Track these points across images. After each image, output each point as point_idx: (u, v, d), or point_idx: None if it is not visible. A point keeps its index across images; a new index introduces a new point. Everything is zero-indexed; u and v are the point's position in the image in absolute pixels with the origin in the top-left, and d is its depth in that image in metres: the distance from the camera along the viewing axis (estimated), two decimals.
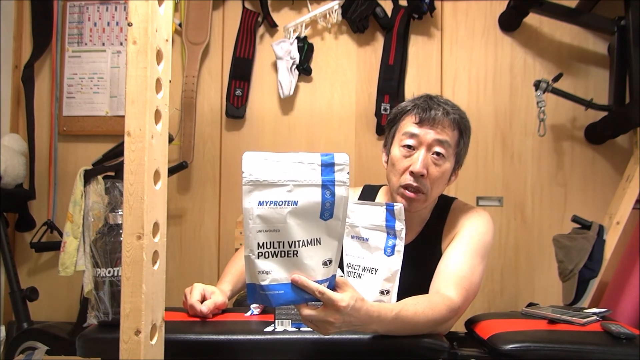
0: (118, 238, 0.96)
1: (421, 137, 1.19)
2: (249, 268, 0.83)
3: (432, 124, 1.19)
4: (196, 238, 2.23)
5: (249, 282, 0.84)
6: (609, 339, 1.03)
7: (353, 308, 0.87)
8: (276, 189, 0.82)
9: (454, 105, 1.24)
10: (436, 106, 1.20)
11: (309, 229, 0.85)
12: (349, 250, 1.13)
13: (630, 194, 1.84)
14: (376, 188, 1.40)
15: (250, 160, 0.81)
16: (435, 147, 1.19)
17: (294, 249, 0.84)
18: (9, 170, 2.05)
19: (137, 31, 0.78)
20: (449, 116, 1.20)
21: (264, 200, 0.81)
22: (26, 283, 2.08)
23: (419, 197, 1.20)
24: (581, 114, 2.06)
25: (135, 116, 0.78)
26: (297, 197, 0.84)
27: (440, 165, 1.20)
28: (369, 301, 0.92)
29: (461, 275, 1.12)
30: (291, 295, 0.85)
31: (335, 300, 0.85)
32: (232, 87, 2.20)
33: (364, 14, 2.11)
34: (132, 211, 0.77)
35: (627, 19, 1.87)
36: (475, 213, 1.26)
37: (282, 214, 0.82)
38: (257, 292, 0.84)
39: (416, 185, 1.19)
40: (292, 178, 0.83)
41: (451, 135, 1.20)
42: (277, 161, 0.83)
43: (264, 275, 0.83)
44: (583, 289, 1.75)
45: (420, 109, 1.21)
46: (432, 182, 1.20)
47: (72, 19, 2.29)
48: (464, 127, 1.23)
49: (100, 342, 0.96)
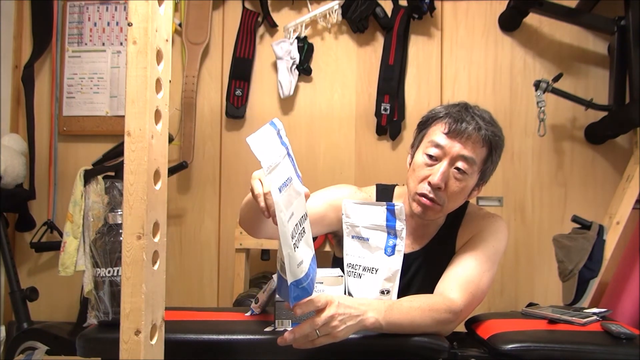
0: (118, 238, 0.96)
1: (446, 149, 1.14)
2: (290, 267, 0.76)
3: (460, 137, 1.13)
4: (196, 238, 2.23)
5: (291, 281, 0.77)
6: (609, 339, 1.03)
7: (340, 297, 0.93)
8: (278, 168, 0.75)
9: (490, 121, 1.16)
10: (469, 119, 1.13)
11: (301, 201, 0.81)
12: (349, 250, 1.13)
13: (630, 194, 1.84)
14: (390, 188, 1.34)
15: (259, 143, 0.72)
16: (459, 162, 1.13)
17: (302, 227, 0.79)
18: (9, 170, 2.05)
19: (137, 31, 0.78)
20: (480, 132, 1.13)
21: (279, 184, 0.74)
22: (26, 283, 2.08)
23: (433, 207, 1.16)
24: (581, 114, 2.06)
25: (135, 116, 0.78)
26: (287, 172, 0.78)
27: (461, 181, 1.14)
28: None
29: (469, 279, 1.11)
30: (313, 276, 0.81)
31: (322, 295, 0.91)
32: (232, 87, 2.20)
33: (364, 14, 2.11)
34: (132, 211, 0.77)
35: (627, 19, 1.87)
36: (490, 219, 1.24)
37: (290, 193, 0.76)
38: (298, 288, 0.78)
39: (432, 196, 1.14)
40: (277, 153, 0.77)
41: (478, 152, 1.14)
42: (265, 139, 0.75)
43: (301, 267, 0.76)
44: (583, 289, 1.75)
45: (452, 118, 1.14)
46: (449, 196, 1.15)
47: (72, 19, 2.29)
48: (495, 144, 1.16)
49: (100, 342, 0.96)
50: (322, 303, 0.90)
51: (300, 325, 0.90)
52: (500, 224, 1.23)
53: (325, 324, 0.89)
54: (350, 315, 0.92)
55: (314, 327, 0.89)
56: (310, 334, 0.89)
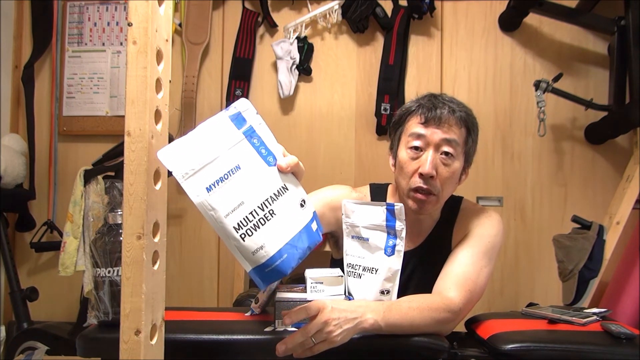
0: (118, 238, 0.96)
1: (428, 138, 1.16)
2: (243, 257, 0.79)
3: (438, 123, 1.15)
4: (196, 238, 2.23)
5: (252, 270, 0.80)
6: (609, 339, 1.03)
7: (334, 302, 0.93)
8: (211, 165, 0.77)
9: (459, 103, 1.21)
10: (441, 105, 1.17)
11: (267, 182, 0.82)
12: (349, 250, 1.13)
13: (630, 194, 1.84)
14: (383, 187, 1.36)
15: (169, 155, 0.75)
16: (444, 146, 1.16)
17: (268, 209, 0.81)
18: (9, 170, 2.05)
19: (137, 31, 0.78)
20: (455, 114, 1.16)
21: (210, 182, 0.76)
22: (26, 283, 2.08)
23: (430, 199, 1.17)
24: (581, 114, 2.06)
25: (135, 116, 0.78)
26: (235, 161, 0.79)
27: (450, 165, 1.16)
28: None
29: (466, 277, 1.11)
30: (297, 252, 0.83)
31: (314, 301, 0.92)
32: (232, 87, 2.20)
33: (364, 14, 2.11)
34: (132, 211, 0.77)
35: (627, 19, 1.87)
36: (485, 214, 1.24)
37: (235, 183, 0.78)
38: (264, 272, 0.80)
39: (426, 187, 1.15)
40: (217, 147, 0.78)
41: (459, 134, 1.17)
42: (191, 142, 0.77)
43: (261, 252, 0.79)
44: (583, 289, 1.75)
45: (425, 108, 1.17)
46: (442, 182, 1.16)
47: (72, 19, 2.30)
48: (471, 124, 1.20)
49: (100, 342, 0.96)
50: (314, 310, 0.91)
51: (292, 334, 0.90)
52: (495, 218, 1.23)
53: (319, 330, 0.89)
54: (346, 319, 0.91)
55: (306, 335, 0.88)
56: (305, 342, 0.89)
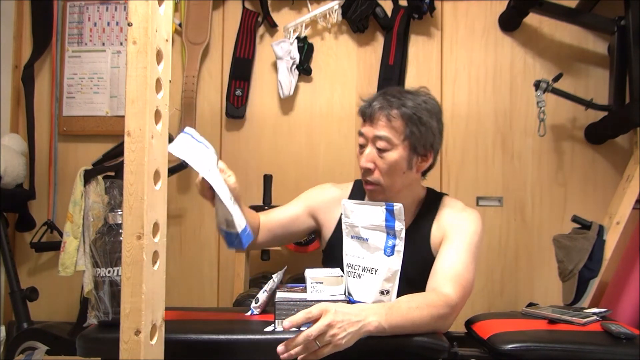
0: (118, 238, 0.96)
1: (366, 135, 1.25)
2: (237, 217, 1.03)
3: (371, 120, 1.23)
4: (196, 238, 2.23)
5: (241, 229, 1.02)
6: (609, 339, 1.03)
7: (336, 305, 0.93)
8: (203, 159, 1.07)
9: (401, 97, 1.23)
10: (376, 102, 1.23)
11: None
12: (348, 250, 1.13)
13: (630, 194, 1.84)
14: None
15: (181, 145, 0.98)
16: (377, 142, 1.22)
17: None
18: (9, 170, 2.05)
19: (137, 31, 0.78)
20: (384, 110, 1.21)
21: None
22: (26, 283, 2.08)
23: (376, 189, 1.25)
24: (581, 114, 2.06)
25: (135, 116, 0.78)
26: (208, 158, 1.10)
27: (385, 158, 1.22)
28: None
29: (457, 273, 1.13)
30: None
31: (316, 305, 0.93)
32: (232, 87, 2.20)
33: (364, 14, 2.11)
34: (132, 211, 0.77)
35: (627, 19, 1.87)
36: (466, 213, 1.28)
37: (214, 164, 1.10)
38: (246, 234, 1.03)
39: (368, 179, 1.25)
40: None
41: (391, 128, 1.21)
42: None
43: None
44: (583, 289, 1.75)
45: (364, 107, 1.26)
46: (382, 174, 1.23)
47: (72, 19, 2.29)
48: (408, 116, 1.21)
49: (100, 342, 0.96)
50: (316, 314, 0.91)
51: (293, 337, 0.90)
52: (476, 217, 1.27)
53: (323, 333, 0.89)
54: (350, 322, 0.92)
55: (308, 338, 0.89)
56: (308, 345, 0.89)
